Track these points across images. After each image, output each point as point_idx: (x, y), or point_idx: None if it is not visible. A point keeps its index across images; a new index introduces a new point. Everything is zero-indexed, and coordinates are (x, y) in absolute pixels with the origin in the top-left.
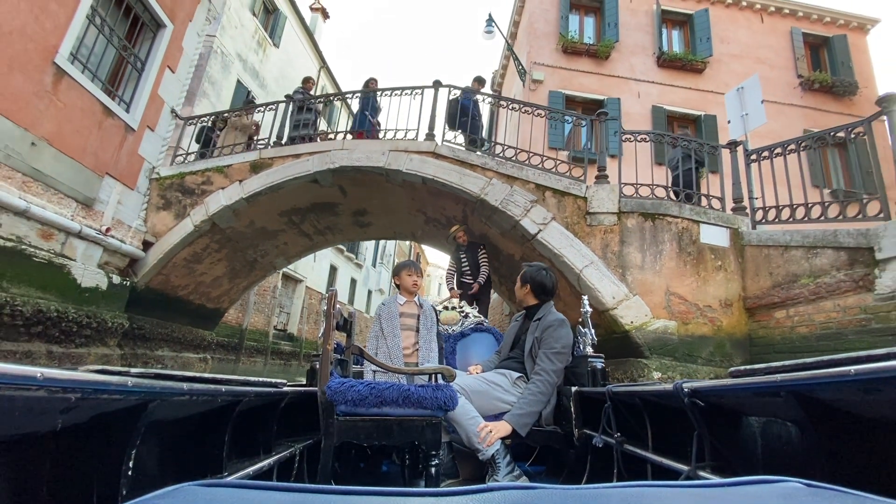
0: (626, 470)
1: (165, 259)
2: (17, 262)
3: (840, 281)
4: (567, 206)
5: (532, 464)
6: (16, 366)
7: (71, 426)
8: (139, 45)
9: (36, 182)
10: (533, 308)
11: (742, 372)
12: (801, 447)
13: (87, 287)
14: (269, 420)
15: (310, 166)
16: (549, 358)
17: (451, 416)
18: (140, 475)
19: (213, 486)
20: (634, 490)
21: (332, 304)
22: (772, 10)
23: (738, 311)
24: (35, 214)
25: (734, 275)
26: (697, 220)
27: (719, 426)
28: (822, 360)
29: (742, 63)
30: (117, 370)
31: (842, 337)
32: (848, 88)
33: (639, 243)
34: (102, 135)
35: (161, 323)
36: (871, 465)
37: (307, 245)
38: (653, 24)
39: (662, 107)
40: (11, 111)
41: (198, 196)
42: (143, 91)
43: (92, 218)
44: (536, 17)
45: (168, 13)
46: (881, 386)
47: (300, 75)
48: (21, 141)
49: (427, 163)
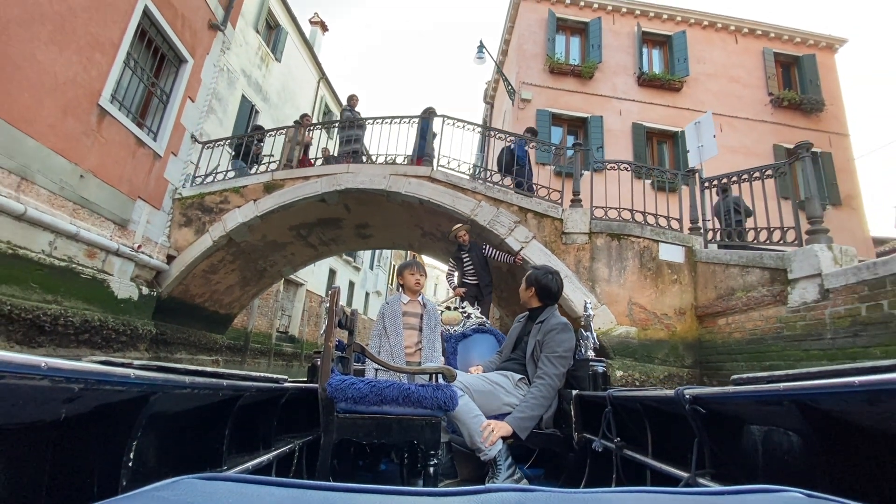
0: (625, 475)
1: (186, 271)
2: (69, 279)
3: (763, 295)
4: (546, 226)
5: (531, 466)
6: (20, 355)
7: (73, 416)
8: (164, 79)
9: (83, 209)
10: (536, 311)
11: (744, 380)
12: (803, 457)
13: (122, 298)
14: (270, 415)
15: (318, 188)
16: (552, 362)
17: (454, 415)
18: (140, 467)
19: (212, 479)
20: (633, 495)
21: (335, 301)
22: (745, 32)
23: (690, 319)
24: (83, 237)
25: (688, 287)
26: (657, 239)
27: (720, 433)
28: (826, 370)
29: (717, 82)
30: (121, 361)
31: (763, 342)
32: (815, 106)
33: (606, 259)
34: (135, 163)
35: (180, 328)
36: (873, 477)
37: (312, 255)
38: (634, 46)
39: (642, 124)
40: (65, 150)
41: (216, 214)
42: (168, 121)
43: (126, 237)
44: (525, 39)
45: (189, 49)
46: (885, 397)
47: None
48: (72, 174)
49: (424, 186)
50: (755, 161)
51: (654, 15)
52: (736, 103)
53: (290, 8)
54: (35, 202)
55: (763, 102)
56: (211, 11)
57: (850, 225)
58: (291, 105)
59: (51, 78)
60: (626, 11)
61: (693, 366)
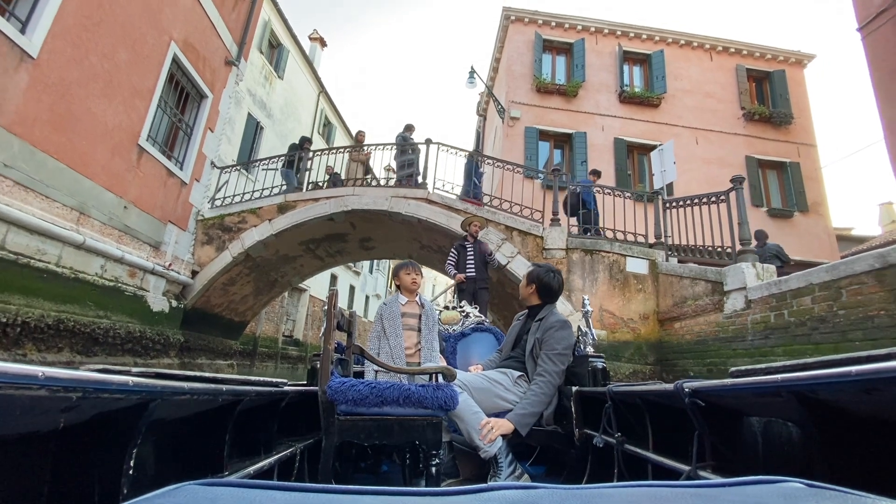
0: (626, 470)
1: (208, 284)
2: (115, 297)
3: (707, 304)
4: (529, 243)
5: (532, 464)
6: (17, 365)
7: (72, 425)
8: (188, 114)
9: (126, 235)
10: (535, 308)
11: (743, 372)
12: (802, 447)
13: (156, 311)
14: (270, 419)
15: (327, 208)
16: (551, 359)
17: (454, 413)
18: (141, 474)
19: (213, 485)
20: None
21: (333, 303)
22: (719, 49)
23: (653, 322)
24: (127, 260)
25: (651, 295)
26: (624, 253)
27: (720, 426)
28: (823, 360)
29: (693, 97)
30: (118, 369)
31: (706, 343)
32: (784, 119)
33: (581, 272)
34: (166, 191)
35: (201, 336)
36: (872, 466)
37: (319, 266)
38: (615, 65)
39: (624, 138)
40: (113, 185)
41: (234, 232)
42: (192, 150)
43: (159, 257)
44: (514, 60)
45: (209, 85)
46: (881, 386)
47: (302, 102)
48: (118, 206)
49: (422, 207)
50: (729, 171)
51: (634, 35)
52: (711, 117)
53: (290, 27)
54: (90, 232)
55: (736, 116)
56: (227, 49)
57: (817, 230)
58: (294, 119)
59: (102, 126)
60: (608, 32)
61: (655, 363)
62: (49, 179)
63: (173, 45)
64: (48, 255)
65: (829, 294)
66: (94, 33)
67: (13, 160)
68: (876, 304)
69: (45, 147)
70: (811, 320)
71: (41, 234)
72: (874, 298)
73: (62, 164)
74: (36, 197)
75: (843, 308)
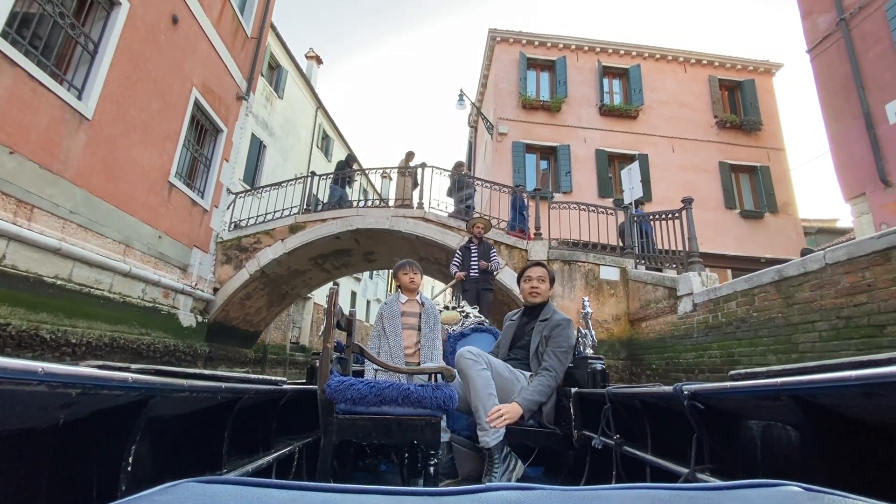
0: (624, 472)
1: (228, 300)
2: (153, 315)
3: (665, 307)
4: (515, 255)
5: (531, 465)
6: (17, 360)
7: (72, 421)
8: (206, 147)
9: (161, 261)
10: (538, 308)
11: (742, 375)
12: (801, 451)
13: (185, 326)
14: (269, 418)
15: (334, 228)
16: (557, 356)
17: (472, 383)
18: (139, 471)
19: (212, 482)
20: (633, 492)
21: (333, 302)
22: (693, 62)
23: (624, 323)
24: (163, 283)
25: (622, 299)
26: (598, 263)
27: (719, 429)
28: (823, 364)
29: (669, 108)
30: (118, 366)
31: (664, 340)
32: (753, 126)
33: (560, 280)
34: (191, 219)
35: (220, 346)
36: (871, 470)
37: (326, 277)
38: (596, 79)
39: (604, 149)
40: (150, 219)
41: (250, 252)
42: (211, 180)
43: (186, 278)
44: (500, 79)
45: (224, 120)
46: (881, 391)
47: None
48: (153, 237)
49: (419, 225)
50: (704, 176)
51: (612, 51)
52: (686, 126)
53: (289, 49)
54: (133, 261)
55: (710, 124)
56: (238, 85)
57: (786, 229)
58: (294, 136)
59: (140, 168)
60: (587, 49)
61: (626, 359)
62: (102, 219)
63: (194, 90)
64: (103, 283)
65: (747, 300)
66: (133, 91)
67: (76, 207)
68: (776, 308)
69: (98, 192)
70: (735, 321)
71: (98, 266)
72: (775, 304)
73: (111, 206)
74: (93, 235)
75: (756, 311)
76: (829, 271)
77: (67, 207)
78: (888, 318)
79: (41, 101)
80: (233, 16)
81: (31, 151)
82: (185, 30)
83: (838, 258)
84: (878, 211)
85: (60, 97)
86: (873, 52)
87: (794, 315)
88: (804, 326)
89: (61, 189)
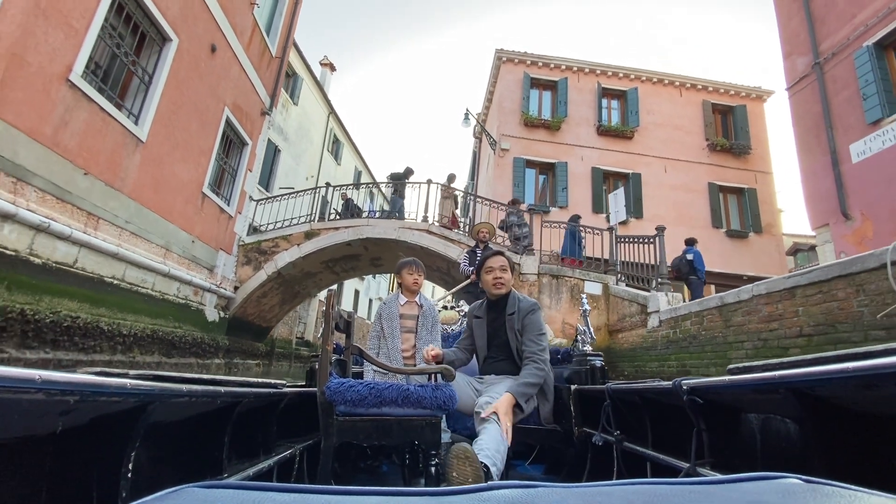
0: (625, 467)
1: (247, 298)
2: (185, 311)
3: (637, 321)
4: None
5: (532, 463)
6: (14, 369)
7: (70, 429)
8: (233, 159)
9: (193, 263)
10: (503, 300)
11: (741, 369)
12: (800, 443)
13: (210, 321)
14: (269, 421)
15: (345, 236)
16: (535, 341)
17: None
18: (139, 477)
19: (213, 487)
20: (634, 488)
21: (331, 304)
22: (688, 86)
23: (605, 333)
24: (194, 282)
25: (603, 311)
26: (583, 278)
27: (718, 423)
28: (821, 356)
29: (664, 130)
30: (116, 372)
31: (636, 351)
32: (743, 149)
33: (549, 292)
34: (219, 225)
35: (236, 340)
36: (870, 461)
37: (335, 279)
38: (595, 100)
39: (600, 167)
40: (186, 226)
41: (268, 255)
42: (236, 189)
43: (213, 277)
44: (504, 97)
45: (249, 134)
46: (878, 382)
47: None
48: (188, 241)
49: (424, 237)
50: (693, 196)
51: (612, 73)
52: (679, 148)
53: (304, 57)
54: (172, 263)
55: (701, 147)
56: (262, 101)
57: (769, 249)
58: (307, 140)
59: (179, 181)
60: (588, 71)
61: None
62: (149, 227)
63: (226, 109)
64: (147, 282)
65: (698, 320)
66: (178, 114)
67: (131, 217)
68: (718, 328)
69: (148, 204)
70: (689, 337)
71: (145, 268)
72: (717, 325)
73: (157, 215)
74: (142, 241)
75: (704, 330)
76: (754, 301)
77: (124, 218)
78: (791, 343)
79: (109, 128)
80: (261, 39)
81: (100, 172)
82: (221, 56)
83: (761, 291)
84: (839, 241)
85: (123, 124)
86: (842, 95)
87: (731, 335)
88: (736, 344)
89: (120, 202)
